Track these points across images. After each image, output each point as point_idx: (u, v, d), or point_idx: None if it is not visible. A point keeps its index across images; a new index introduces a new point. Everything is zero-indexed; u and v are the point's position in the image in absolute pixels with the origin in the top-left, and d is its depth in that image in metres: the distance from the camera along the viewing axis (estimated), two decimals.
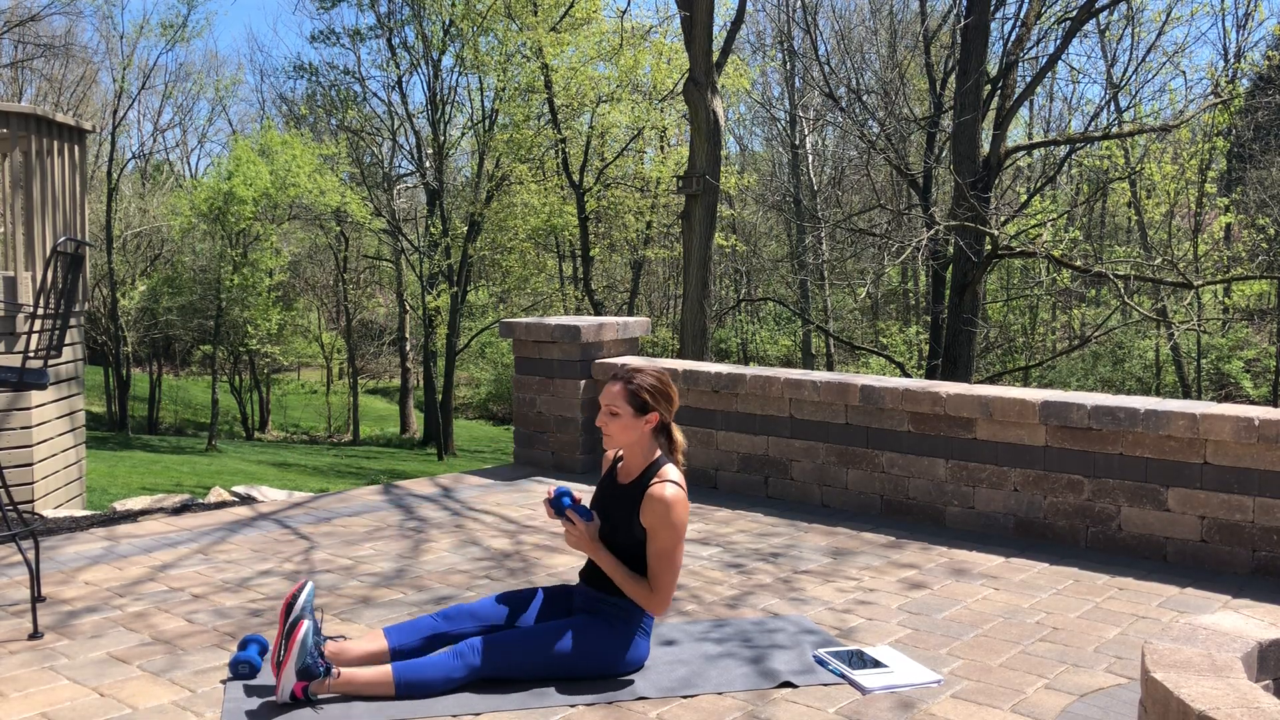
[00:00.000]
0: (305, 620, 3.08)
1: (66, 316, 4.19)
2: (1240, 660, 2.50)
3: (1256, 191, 21.99)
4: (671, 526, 3.24)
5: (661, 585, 3.26)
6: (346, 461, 24.48)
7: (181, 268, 32.66)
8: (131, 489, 14.61)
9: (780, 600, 4.11)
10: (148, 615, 3.88)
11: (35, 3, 29.13)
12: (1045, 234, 15.03)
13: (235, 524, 5.27)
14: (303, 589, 3.16)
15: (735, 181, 23.29)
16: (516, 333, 6.68)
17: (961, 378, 13.61)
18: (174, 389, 37.82)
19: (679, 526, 3.26)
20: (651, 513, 3.25)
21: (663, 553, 3.26)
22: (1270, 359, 24.15)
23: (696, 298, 11.90)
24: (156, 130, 41.50)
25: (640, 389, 3.32)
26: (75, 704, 3.11)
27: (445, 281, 27.59)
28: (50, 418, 7.93)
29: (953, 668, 3.44)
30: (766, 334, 32.51)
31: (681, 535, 3.28)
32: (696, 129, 11.82)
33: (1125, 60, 20.55)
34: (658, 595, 3.27)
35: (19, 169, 7.98)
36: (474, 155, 28.86)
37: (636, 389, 3.32)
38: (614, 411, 3.32)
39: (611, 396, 3.34)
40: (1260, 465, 4.46)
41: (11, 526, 4.00)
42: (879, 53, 25.44)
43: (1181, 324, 15.84)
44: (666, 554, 3.26)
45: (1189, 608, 4.07)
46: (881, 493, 5.50)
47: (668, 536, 3.25)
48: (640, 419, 3.31)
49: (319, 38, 32.88)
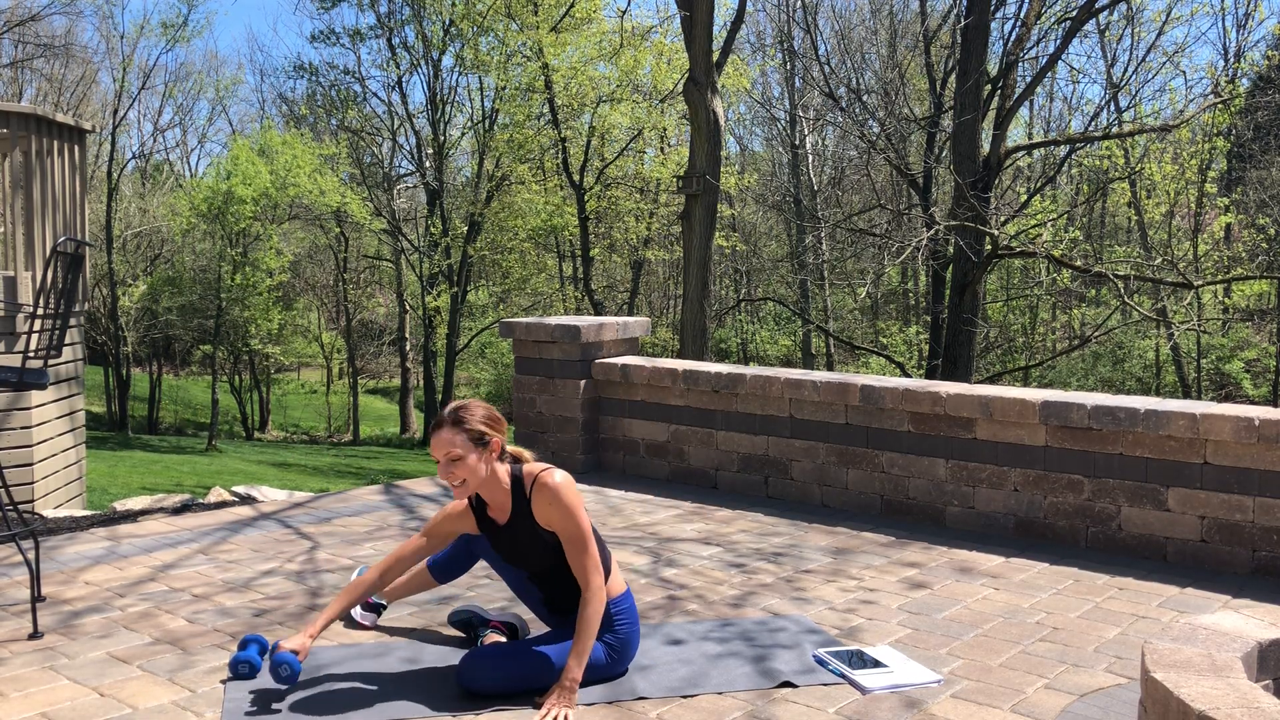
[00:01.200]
0: None
1: (66, 316, 4.20)
2: (1240, 660, 2.51)
3: (1256, 191, 21.99)
4: (568, 508, 3.17)
5: (588, 572, 3.16)
6: (346, 461, 24.48)
7: (181, 268, 32.67)
8: (131, 489, 14.61)
9: (782, 600, 4.11)
10: (149, 615, 3.89)
11: (35, 3, 29.14)
12: (1045, 234, 15.04)
13: (236, 524, 5.27)
14: None
15: (735, 182, 23.30)
16: (516, 333, 6.68)
17: (961, 378, 13.61)
18: (174, 389, 37.82)
19: (575, 505, 3.18)
20: (546, 506, 3.19)
21: (575, 539, 3.18)
22: (1270, 359, 24.15)
23: (696, 298, 11.90)
24: (156, 130, 41.53)
25: (473, 424, 3.20)
26: (75, 704, 3.11)
27: (445, 281, 27.60)
28: (50, 418, 7.93)
29: (953, 668, 3.44)
30: (766, 334, 32.51)
31: (581, 513, 3.19)
32: (696, 129, 11.83)
33: (1125, 60, 20.58)
34: (594, 584, 3.16)
35: (19, 169, 7.98)
36: (474, 155, 28.87)
37: (470, 425, 3.19)
38: (455, 457, 3.16)
39: (445, 444, 3.17)
40: (1260, 465, 4.46)
41: (11, 526, 4.00)
42: (879, 53, 25.44)
43: (1181, 324, 15.84)
44: (579, 539, 3.18)
45: (1189, 608, 4.07)
46: (881, 493, 5.51)
47: (571, 522, 3.17)
48: (485, 451, 3.21)
49: (319, 38, 32.89)
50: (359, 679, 3.28)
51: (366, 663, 3.41)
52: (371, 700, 3.12)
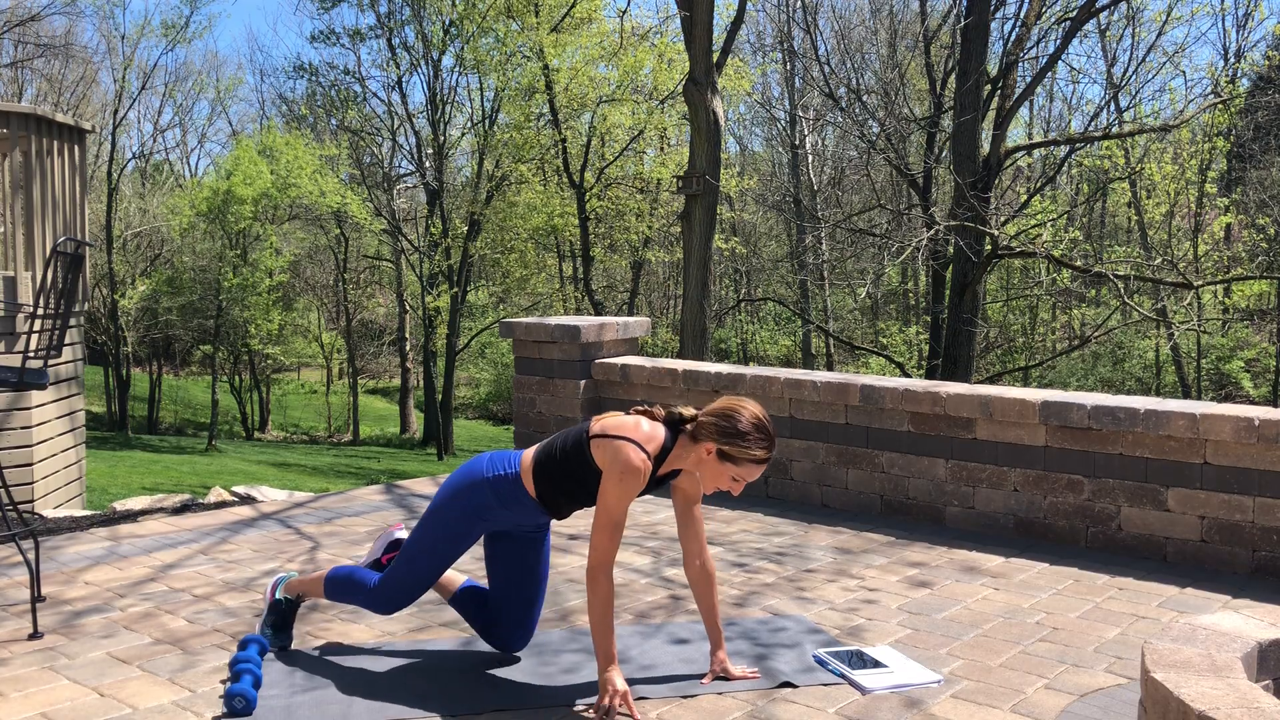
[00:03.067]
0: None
1: (66, 316, 4.20)
2: (1240, 660, 2.51)
3: (1256, 191, 21.99)
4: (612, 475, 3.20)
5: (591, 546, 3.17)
6: (346, 461, 24.49)
7: (181, 268, 32.69)
8: (131, 489, 14.61)
9: (784, 600, 4.11)
10: (149, 615, 3.89)
11: (35, 3, 29.14)
12: (1045, 234, 15.05)
13: (237, 524, 5.27)
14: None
15: (736, 184, 23.29)
16: (516, 333, 6.68)
17: (961, 378, 13.61)
18: (174, 389, 37.83)
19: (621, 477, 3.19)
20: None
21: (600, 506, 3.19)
22: (1270, 359, 24.15)
23: (696, 298, 11.90)
24: (156, 130, 41.56)
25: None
26: (75, 704, 3.11)
27: (445, 282, 27.60)
28: (50, 418, 7.93)
29: (953, 668, 3.44)
30: (766, 334, 32.52)
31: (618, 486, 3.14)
32: (696, 129, 11.82)
33: (1125, 60, 20.54)
34: (589, 564, 3.15)
35: (19, 169, 7.98)
36: (474, 155, 28.87)
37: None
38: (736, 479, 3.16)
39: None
40: (1260, 465, 4.46)
41: (11, 526, 4.00)
42: (879, 53, 25.43)
43: (1181, 324, 15.84)
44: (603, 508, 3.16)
45: (1189, 608, 4.07)
46: (881, 493, 5.51)
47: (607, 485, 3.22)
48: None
49: (319, 38, 32.87)
50: (360, 679, 3.28)
51: (367, 662, 3.41)
52: (372, 700, 3.12)
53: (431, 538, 3.29)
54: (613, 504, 3.04)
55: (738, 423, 3.08)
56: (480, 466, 3.29)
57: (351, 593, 3.41)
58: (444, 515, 3.27)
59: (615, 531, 3.04)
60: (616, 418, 3.15)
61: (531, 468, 3.20)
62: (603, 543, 3.03)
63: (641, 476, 3.04)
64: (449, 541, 3.27)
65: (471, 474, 3.28)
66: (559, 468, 3.17)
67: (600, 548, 3.03)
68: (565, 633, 3.69)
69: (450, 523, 3.26)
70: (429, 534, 3.29)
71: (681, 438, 3.17)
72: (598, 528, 3.04)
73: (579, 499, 3.19)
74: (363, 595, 3.38)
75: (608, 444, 3.07)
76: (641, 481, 3.06)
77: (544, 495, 3.21)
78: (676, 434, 3.18)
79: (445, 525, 3.27)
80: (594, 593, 3.02)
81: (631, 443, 3.06)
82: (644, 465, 3.04)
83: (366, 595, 3.37)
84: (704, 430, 3.10)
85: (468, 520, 3.25)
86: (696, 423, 3.14)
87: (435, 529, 3.28)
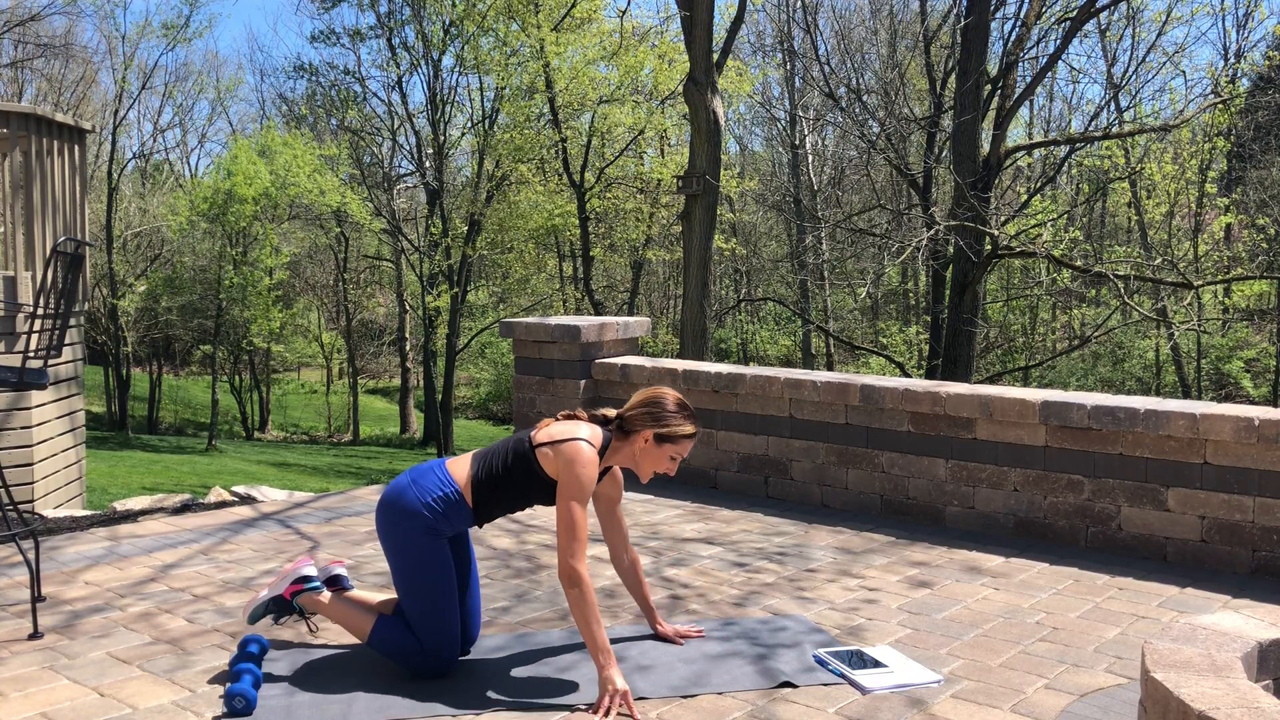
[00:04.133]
0: (307, 569, 3.45)
1: (66, 316, 4.20)
2: (1240, 660, 2.51)
3: (1257, 191, 22.00)
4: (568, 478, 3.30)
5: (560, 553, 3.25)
6: (347, 461, 24.49)
7: (181, 268, 32.70)
8: (131, 489, 14.61)
9: (784, 600, 4.11)
10: (149, 616, 3.89)
11: (35, 3, 29.13)
12: (1045, 234, 15.05)
13: (237, 524, 5.27)
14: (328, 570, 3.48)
15: (735, 185, 23.29)
16: (516, 333, 6.68)
17: (961, 378, 13.62)
18: (174, 389, 37.83)
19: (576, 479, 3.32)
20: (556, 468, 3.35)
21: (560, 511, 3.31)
22: (1270, 359, 24.15)
23: (696, 298, 11.90)
24: (157, 130, 41.54)
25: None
26: (75, 704, 3.11)
27: (445, 282, 27.60)
28: (50, 418, 7.93)
29: (953, 668, 3.44)
30: (766, 334, 32.52)
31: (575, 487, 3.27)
32: (696, 129, 11.82)
33: (1125, 60, 20.57)
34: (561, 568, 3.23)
35: (19, 169, 7.98)
36: (474, 155, 28.87)
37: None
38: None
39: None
40: (1260, 465, 4.46)
41: (11, 526, 4.00)
42: (879, 53, 25.44)
43: (1181, 324, 15.84)
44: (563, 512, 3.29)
45: (1189, 608, 4.07)
46: (881, 493, 5.51)
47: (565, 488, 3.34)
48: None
49: (319, 38, 32.89)
50: (360, 679, 3.28)
51: (367, 662, 3.41)
52: (372, 700, 3.12)
53: (417, 579, 3.22)
54: (575, 503, 3.14)
55: (665, 406, 3.32)
56: (407, 493, 3.26)
57: (402, 657, 3.26)
58: (404, 551, 3.23)
59: (580, 530, 3.13)
60: (558, 424, 3.30)
61: (470, 483, 3.28)
62: (569, 543, 3.11)
63: (596, 471, 3.20)
64: (431, 567, 3.22)
65: (403, 503, 3.25)
66: (503, 480, 3.27)
67: (568, 548, 3.11)
68: (564, 632, 3.69)
69: (415, 552, 3.23)
70: (412, 578, 3.22)
71: (613, 437, 3.34)
72: (564, 528, 3.12)
73: (514, 508, 3.34)
74: (415, 660, 3.24)
75: (559, 449, 3.20)
76: (595, 476, 3.20)
77: (481, 506, 3.30)
78: (606, 434, 3.34)
79: (413, 557, 3.22)
80: (573, 592, 3.09)
81: (583, 440, 3.22)
82: (595, 460, 3.21)
83: (420, 661, 3.24)
84: (636, 422, 3.31)
85: (427, 539, 3.24)
86: (624, 418, 3.34)
87: (411, 569, 3.22)
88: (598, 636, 3.07)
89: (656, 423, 3.30)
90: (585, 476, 3.16)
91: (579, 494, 3.15)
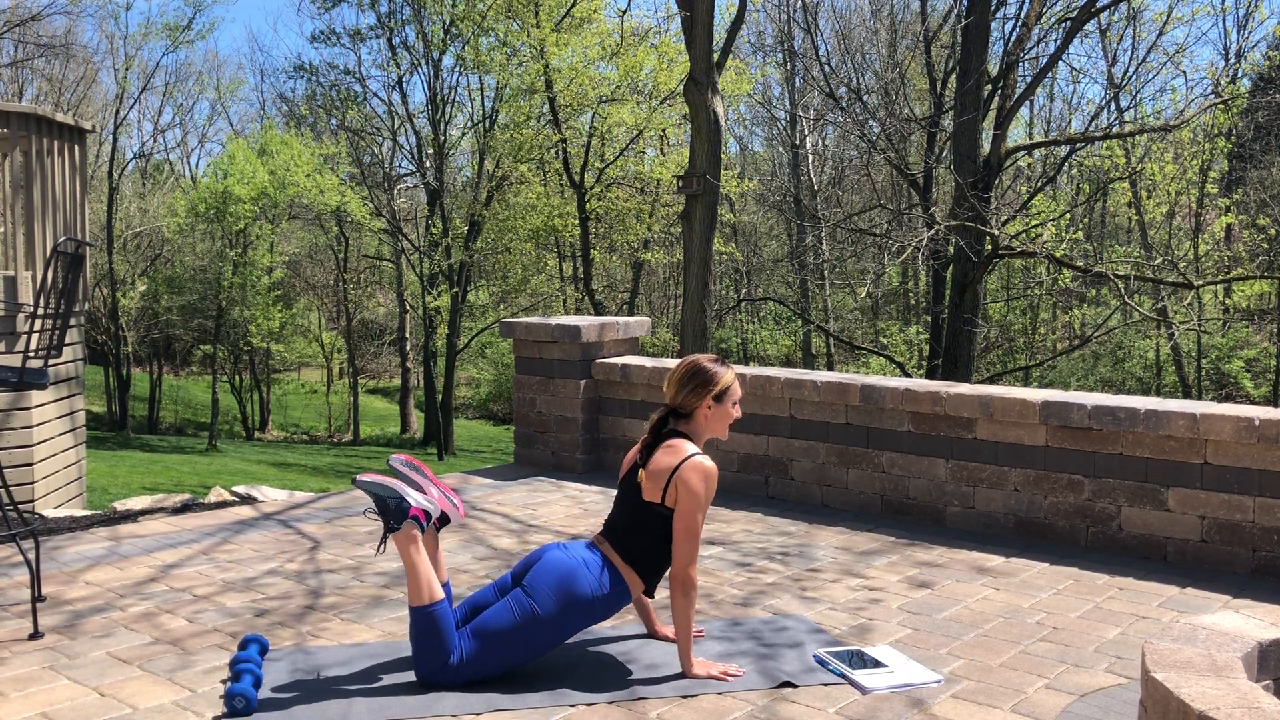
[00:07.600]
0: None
1: (66, 316, 4.20)
2: (1240, 660, 2.51)
3: (1257, 191, 22.00)
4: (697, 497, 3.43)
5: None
6: (347, 461, 24.48)
7: (181, 268, 32.68)
8: (132, 489, 14.61)
9: (787, 600, 4.11)
10: (150, 615, 3.89)
11: (35, 3, 29.13)
12: (1046, 234, 15.04)
13: (238, 524, 5.27)
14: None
15: (735, 186, 23.29)
16: (517, 333, 6.68)
17: (962, 378, 13.61)
18: (174, 389, 37.82)
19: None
20: (683, 484, 3.42)
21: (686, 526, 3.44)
22: (1270, 359, 24.15)
23: (697, 298, 11.90)
24: (157, 130, 41.57)
25: None
26: (75, 704, 3.11)
27: (445, 282, 27.59)
28: (50, 418, 7.93)
29: (953, 668, 3.44)
30: (766, 334, 32.51)
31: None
32: (697, 129, 11.82)
33: (1126, 60, 20.58)
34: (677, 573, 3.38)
35: (19, 169, 7.98)
36: (474, 155, 28.86)
37: None
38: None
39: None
40: (1260, 465, 4.46)
41: (12, 526, 4.00)
42: (879, 53, 25.42)
43: (1181, 324, 15.84)
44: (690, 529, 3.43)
45: (1189, 608, 4.07)
46: (882, 493, 5.51)
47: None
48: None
49: (319, 38, 32.87)
50: (360, 679, 3.28)
51: (367, 662, 3.41)
52: (372, 700, 3.12)
53: (526, 635, 3.23)
54: (701, 514, 3.32)
55: (705, 369, 3.45)
56: (585, 591, 3.29)
57: (428, 649, 3.19)
58: (548, 628, 3.25)
59: (699, 537, 3.34)
60: (667, 453, 3.37)
61: (633, 570, 3.40)
62: (693, 552, 3.31)
63: (717, 476, 3.40)
64: (548, 638, 3.27)
65: (579, 598, 3.28)
66: (653, 547, 3.38)
67: (690, 557, 3.30)
68: None
69: (550, 636, 3.27)
70: (525, 631, 3.22)
71: (681, 428, 3.47)
72: (689, 539, 3.30)
73: (664, 558, 3.43)
74: (435, 661, 3.19)
75: (688, 469, 3.31)
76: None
77: (650, 580, 3.44)
78: (679, 431, 3.46)
79: (543, 637, 3.26)
80: (687, 596, 3.28)
81: (696, 455, 3.35)
82: (715, 467, 3.38)
83: (438, 667, 3.19)
84: (692, 399, 3.44)
85: (576, 622, 3.31)
86: (679, 406, 3.46)
87: (536, 626, 3.23)
88: (691, 639, 3.33)
89: (708, 387, 3.42)
90: (711, 490, 3.33)
91: (705, 505, 3.33)
